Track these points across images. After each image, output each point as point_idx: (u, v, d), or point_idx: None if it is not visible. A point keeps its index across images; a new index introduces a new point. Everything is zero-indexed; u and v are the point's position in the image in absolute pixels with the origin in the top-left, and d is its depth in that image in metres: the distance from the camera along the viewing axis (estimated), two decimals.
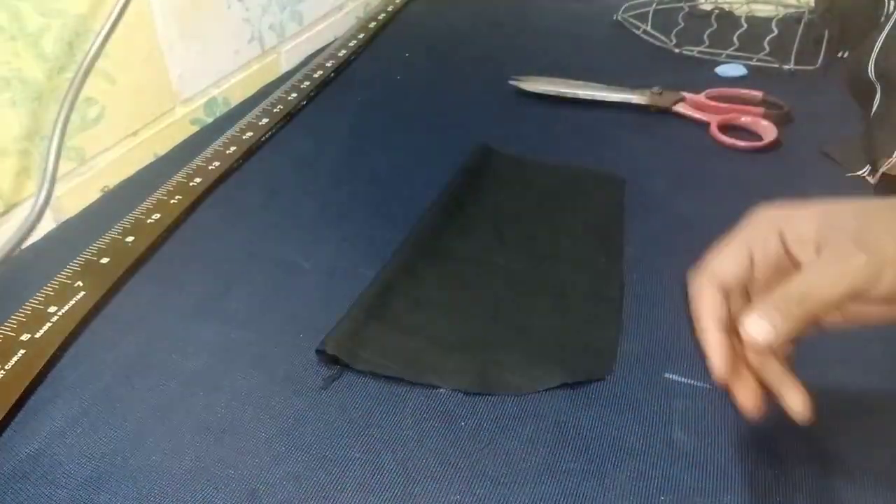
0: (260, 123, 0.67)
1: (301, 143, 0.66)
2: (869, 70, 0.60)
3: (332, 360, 0.42)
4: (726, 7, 0.94)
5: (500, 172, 0.60)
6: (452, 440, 0.38)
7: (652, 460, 0.37)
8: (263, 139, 0.65)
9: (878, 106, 0.59)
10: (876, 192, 0.58)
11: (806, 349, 0.33)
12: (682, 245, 0.52)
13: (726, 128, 0.67)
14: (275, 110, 0.69)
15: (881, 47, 0.60)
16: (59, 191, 0.53)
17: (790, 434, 0.37)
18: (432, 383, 0.41)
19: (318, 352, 0.42)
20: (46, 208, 0.51)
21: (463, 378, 0.42)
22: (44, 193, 0.50)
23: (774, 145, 0.64)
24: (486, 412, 0.40)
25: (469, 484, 0.36)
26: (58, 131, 0.51)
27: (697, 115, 0.69)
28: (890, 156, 0.55)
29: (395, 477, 0.36)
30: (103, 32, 0.52)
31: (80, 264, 0.49)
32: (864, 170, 0.59)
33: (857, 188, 0.58)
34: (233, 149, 0.63)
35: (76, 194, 0.56)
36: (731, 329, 0.31)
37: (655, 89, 0.71)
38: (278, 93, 0.72)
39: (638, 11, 0.92)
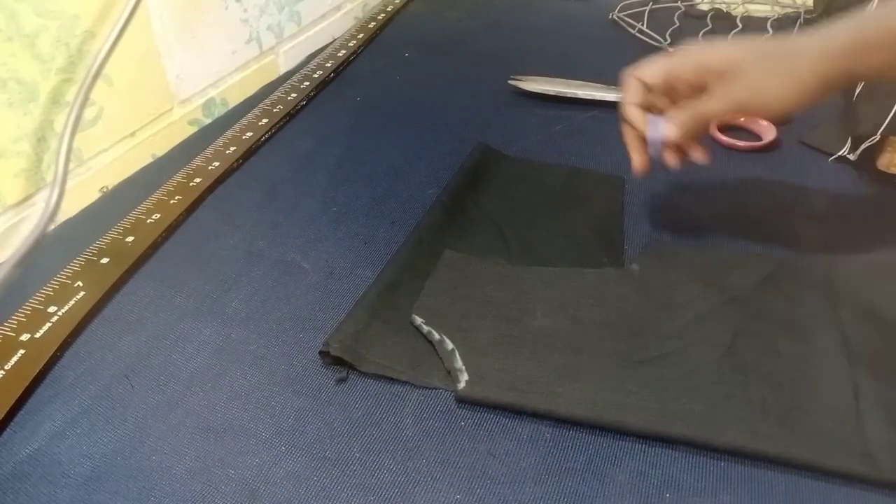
0: (259, 123, 0.67)
1: (301, 143, 0.66)
2: None
3: (336, 361, 0.42)
4: (723, 7, 0.94)
5: (500, 172, 0.60)
6: (452, 440, 0.38)
7: (651, 459, 0.37)
8: (263, 139, 0.65)
9: (863, 86, 0.60)
10: (856, 170, 0.59)
11: None
12: (682, 245, 0.52)
13: (725, 128, 0.67)
14: (274, 110, 0.69)
15: None
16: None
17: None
18: (436, 385, 0.41)
19: (322, 353, 0.43)
20: (56, 214, 0.51)
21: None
22: (55, 198, 0.50)
23: (773, 145, 0.64)
24: (487, 412, 0.40)
25: (469, 484, 0.36)
26: (66, 137, 0.51)
27: None
28: (874, 123, 0.56)
29: (396, 477, 0.36)
30: (112, 36, 0.52)
31: (80, 264, 0.49)
32: (844, 149, 0.59)
33: (843, 173, 0.60)
34: (232, 149, 0.63)
35: (75, 195, 0.56)
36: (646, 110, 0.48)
37: None
38: (278, 93, 0.72)
39: (633, 11, 0.92)
